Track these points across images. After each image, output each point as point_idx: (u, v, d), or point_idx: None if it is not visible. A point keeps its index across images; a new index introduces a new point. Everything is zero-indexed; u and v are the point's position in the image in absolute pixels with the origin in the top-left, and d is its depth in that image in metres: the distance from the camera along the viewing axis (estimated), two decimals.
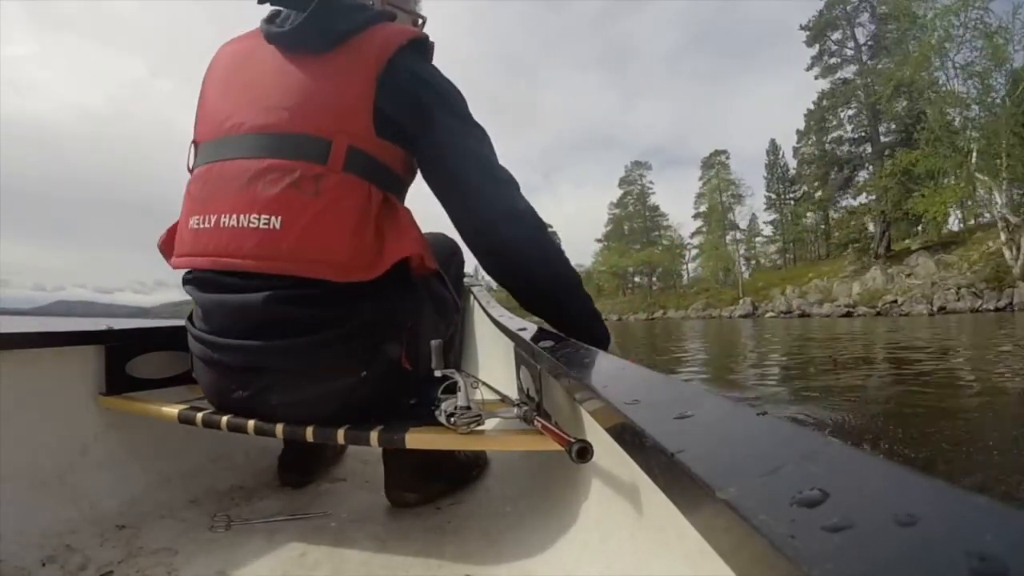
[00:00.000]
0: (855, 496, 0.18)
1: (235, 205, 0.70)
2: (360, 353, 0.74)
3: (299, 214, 0.69)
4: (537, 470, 0.91)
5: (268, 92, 0.74)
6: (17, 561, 0.68)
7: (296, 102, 0.72)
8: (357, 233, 0.70)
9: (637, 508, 0.50)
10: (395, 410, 0.79)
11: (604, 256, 54.29)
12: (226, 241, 0.70)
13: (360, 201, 0.71)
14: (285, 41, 0.77)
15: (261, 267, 0.69)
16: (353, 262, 0.70)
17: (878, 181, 27.16)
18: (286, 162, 0.70)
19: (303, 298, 0.70)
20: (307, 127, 0.71)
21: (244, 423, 0.74)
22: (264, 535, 0.77)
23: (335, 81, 0.73)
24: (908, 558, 0.15)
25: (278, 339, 0.71)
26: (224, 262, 0.71)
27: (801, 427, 0.26)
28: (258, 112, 0.73)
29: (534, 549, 0.68)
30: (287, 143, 0.71)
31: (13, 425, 0.83)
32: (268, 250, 0.69)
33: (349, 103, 0.72)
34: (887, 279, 24.21)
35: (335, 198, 0.70)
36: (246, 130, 0.73)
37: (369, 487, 0.98)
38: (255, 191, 0.70)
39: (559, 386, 0.68)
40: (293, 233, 0.68)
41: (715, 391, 1.40)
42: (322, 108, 0.72)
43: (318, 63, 0.74)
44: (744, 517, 0.18)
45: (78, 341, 0.91)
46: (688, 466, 0.23)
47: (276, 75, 0.75)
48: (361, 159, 0.72)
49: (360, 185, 0.72)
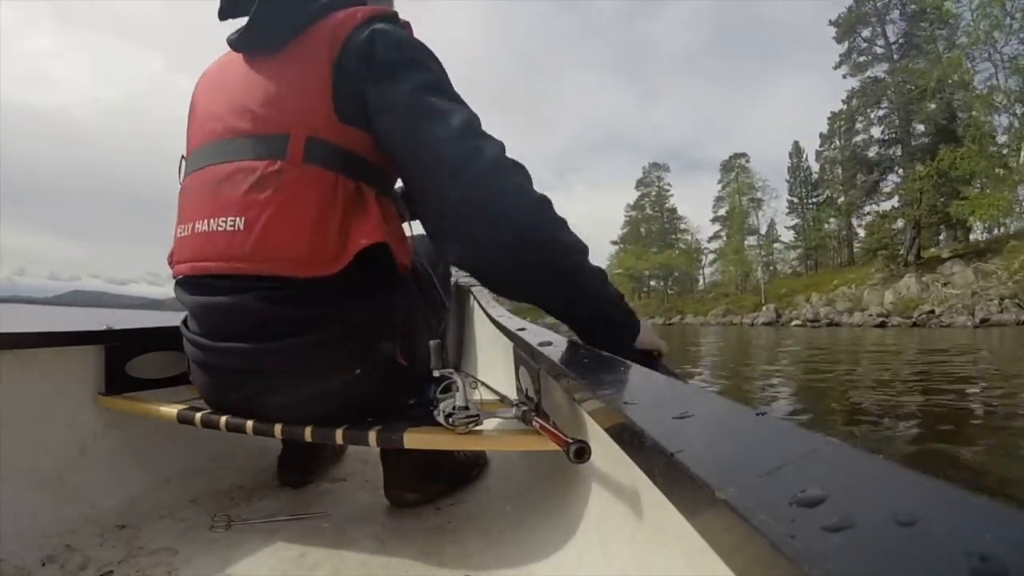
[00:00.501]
0: (855, 496, 0.18)
1: (206, 210, 0.72)
2: (353, 351, 0.74)
3: (259, 212, 0.69)
4: (537, 470, 0.91)
5: (233, 98, 0.75)
6: (17, 561, 0.68)
7: (256, 103, 0.73)
8: (318, 226, 0.69)
9: (637, 508, 0.50)
10: (393, 410, 0.79)
11: (620, 258, 53.43)
12: (199, 246, 0.72)
13: (323, 193, 0.70)
14: (242, 45, 0.77)
15: (228, 268, 0.70)
16: (314, 256, 0.69)
17: (911, 184, 26.50)
18: (248, 163, 0.70)
19: (287, 298, 0.70)
20: (266, 126, 0.71)
21: (243, 423, 0.74)
22: (264, 535, 0.77)
23: (290, 74, 0.73)
24: (908, 558, 0.15)
25: (268, 340, 0.71)
26: (199, 266, 0.73)
27: (801, 427, 0.26)
28: (225, 119, 0.74)
29: (534, 549, 0.68)
30: (249, 144, 0.71)
31: (13, 425, 0.83)
32: (233, 251, 0.70)
33: (305, 93, 0.71)
34: (921, 288, 23.39)
35: (294, 192, 0.69)
36: (216, 137, 0.75)
37: (369, 487, 0.98)
38: (222, 195, 0.71)
39: (558, 386, 0.68)
40: (254, 231, 0.69)
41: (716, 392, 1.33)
42: (279, 104, 0.72)
43: (276, 60, 0.74)
44: (744, 517, 0.18)
45: (78, 341, 0.91)
46: (688, 466, 0.23)
47: (240, 81, 0.76)
48: (323, 149, 0.70)
49: (323, 176, 0.70)
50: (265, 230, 0.69)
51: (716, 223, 49.14)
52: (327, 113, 0.71)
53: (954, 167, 21.79)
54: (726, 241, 45.24)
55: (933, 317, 19.87)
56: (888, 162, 31.29)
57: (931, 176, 24.05)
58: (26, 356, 0.86)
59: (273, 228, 0.69)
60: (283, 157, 0.69)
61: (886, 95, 30.29)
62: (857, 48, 31.99)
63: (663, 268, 50.08)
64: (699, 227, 54.26)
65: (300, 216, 0.69)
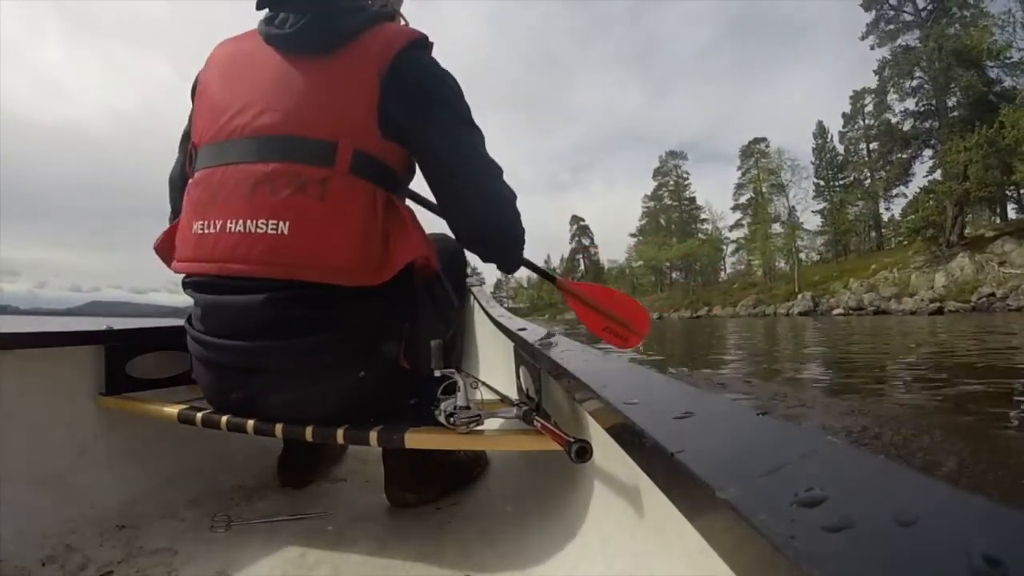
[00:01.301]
0: (855, 496, 0.18)
1: (242, 210, 0.70)
2: (358, 353, 0.74)
3: (307, 219, 0.69)
4: (537, 470, 0.91)
5: (270, 95, 0.73)
6: (17, 561, 0.68)
7: (300, 105, 0.72)
8: (365, 237, 0.71)
9: (637, 508, 0.50)
10: (395, 410, 0.79)
11: (640, 250, 52.29)
12: (233, 246, 0.70)
13: (366, 204, 0.71)
14: (285, 43, 0.76)
15: (270, 272, 0.69)
16: (362, 267, 0.70)
17: (954, 156, 24.16)
18: (292, 166, 0.70)
19: (302, 300, 0.70)
20: (312, 130, 0.71)
21: (244, 423, 0.74)
22: (264, 535, 0.77)
23: (338, 83, 0.73)
24: (908, 558, 0.15)
25: (275, 340, 0.71)
26: (231, 267, 0.70)
27: (801, 427, 0.26)
28: (261, 115, 0.72)
29: (534, 549, 0.68)
30: (293, 146, 0.70)
31: (13, 425, 0.83)
32: (277, 256, 0.68)
33: (353, 105, 0.72)
34: (976, 268, 21.57)
35: (342, 202, 0.69)
36: (249, 133, 0.72)
37: (369, 487, 0.98)
38: (262, 195, 0.69)
39: (559, 386, 0.68)
40: (302, 238, 0.68)
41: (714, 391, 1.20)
42: (326, 111, 0.72)
43: (320, 65, 0.74)
44: (744, 517, 0.18)
45: (78, 341, 0.91)
46: (688, 466, 0.23)
47: (278, 78, 0.74)
48: (367, 161, 0.72)
49: (366, 188, 0.71)
50: (315, 237, 0.69)
51: (736, 211, 46.77)
52: (372, 127, 0.72)
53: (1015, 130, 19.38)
54: (751, 228, 42.70)
55: (996, 300, 18.48)
56: (925, 135, 29.13)
57: (980, 146, 21.79)
58: (26, 356, 0.86)
59: (323, 236, 0.69)
60: (331, 165, 0.70)
61: (919, 64, 28.57)
62: (885, 16, 30.38)
63: (686, 258, 47.83)
64: (722, 213, 51.11)
65: (348, 226, 0.70)
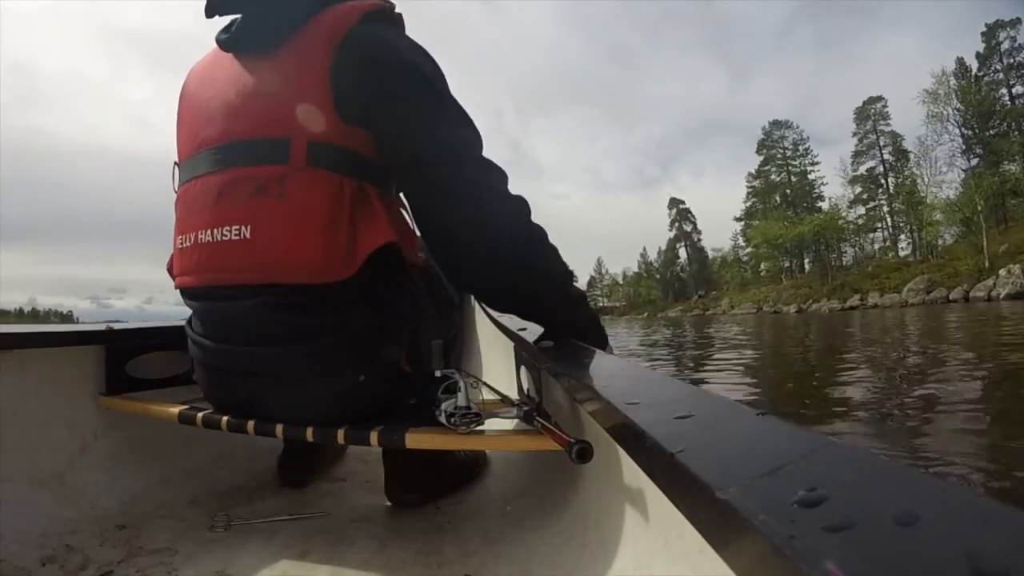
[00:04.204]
0: (855, 496, 0.18)
1: (209, 220, 0.70)
2: (357, 357, 0.73)
3: (268, 220, 0.68)
4: (537, 470, 0.91)
5: (226, 102, 0.73)
6: (17, 561, 0.68)
7: (252, 106, 0.71)
8: (329, 230, 0.68)
9: (637, 508, 0.50)
10: (395, 410, 0.79)
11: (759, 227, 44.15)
12: (206, 257, 0.71)
13: (330, 196, 0.68)
14: (235, 46, 0.75)
15: (241, 279, 0.69)
16: (329, 261, 0.68)
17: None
18: (249, 169, 0.69)
19: (294, 304, 0.69)
20: (266, 129, 0.69)
21: (244, 423, 0.74)
22: (264, 535, 0.77)
23: (288, 75, 0.70)
24: (908, 558, 0.15)
25: (273, 345, 0.70)
26: (207, 277, 0.72)
27: (801, 427, 0.26)
28: (219, 124, 0.72)
29: (534, 549, 0.68)
30: (248, 150, 0.70)
31: (13, 425, 0.83)
32: (243, 261, 0.69)
33: (304, 95, 0.69)
34: None
35: (302, 197, 0.68)
36: (212, 143, 0.72)
37: (369, 487, 0.98)
38: (226, 203, 0.69)
39: (559, 386, 0.68)
40: (265, 240, 0.68)
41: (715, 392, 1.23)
42: (277, 107, 0.70)
43: (270, 61, 0.72)
44: (744, 517, 0.18)
45: (78, 341, 0.91)
46: (688, 466, 0.23)
47: (232, 83, 0.73)
48: (325, 151, 0.69)
49: (329, 179, 0.68)
50: (277, 237, 0.67)
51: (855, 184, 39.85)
52: (328, 114, 0.69)
53: None
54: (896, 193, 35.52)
55: None
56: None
57: None
58: (26, 356, 0.86)
59: (285, 235, 0.67)
60: (286, 162, 0.68)
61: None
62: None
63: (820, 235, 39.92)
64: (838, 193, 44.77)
65: (311, 222, 0.67)
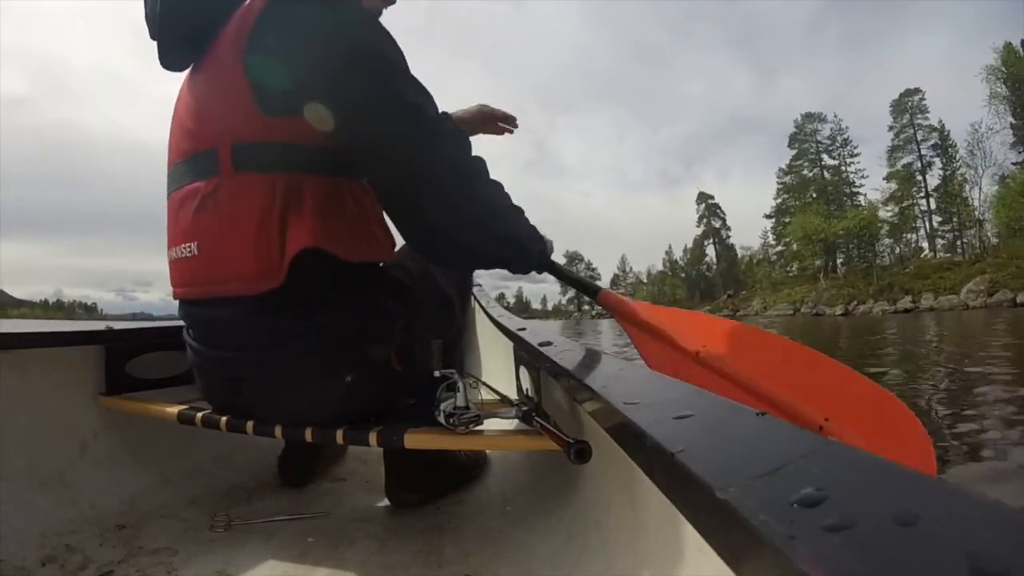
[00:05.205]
0: (855, 496, 0.18)
1: (173, 237, 0.73)
2: (340, 359, 0.72)
3: (207, 235, 0.68)
4: (537, 470, 0.91)
5: (177, 120, 0.74)
6: (17, 561, 0.68)
7: (186, 122, 0.71)
8: (260, 238, 0.65)
9: (637, 508, 0.50)
10: (394, 410, 0.79)
11: (799, 221, 41.55)
12: (177, 273, 0.74)
13: (261, 200, 0.65)
14: (168, 63, 0.75)
15: (204, 292, 0.71)
16: (260, 271, 0.66)
17: None
18: (190, 186, 0.69)
19: (264, 311, 0.68)
20: (195, 144, 0.69)
21: (243, 423, 0.74)
22: (264, 535, 0.77)
23: (209, 82, 0.69)
24: (908, 558, 0.15)
25: (256, 351, 0.71)
26: (187, 291, 0.75)
27: (801, 427, 0.26)
28: (174, 143, 0.74)
29: (534, 549, 0.68)
30: (188, 167, 0.70)
31: (13, 425, 0.83)
32: (198, 277, 0.71)
33: (224, 97, 0.67)
34: None
35: (233, 207, 0.66)
36: (171, 162, 0.74)
37: (369, 487, 0.98)
38: (179, 222, 0.72)
39: (559, 386, 0.68)
40: (207, 255, 0.69)
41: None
42: (204, 116, 0.69)
43: (201, 70, 0.71)
44: (744, 517, 0.18)
45: (78, 341, 0.91)
46: (688, 466, 0.23)
47: (181, 100, 0.74)
48: (251, 152, 0.65)
49: (258, 181, 0.65)
50: (215, 251, 0.68)
51: (891, 181, 38.00)
52: (249, 111, 0.64)
53: None
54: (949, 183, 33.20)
55: None
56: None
57: None
58: (26, 356, 0.86)
59: (222, 248, 0.68)
60: (216, 173, 0.66)
61: None
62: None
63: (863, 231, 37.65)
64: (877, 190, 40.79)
65: (241, 232, 0.66)
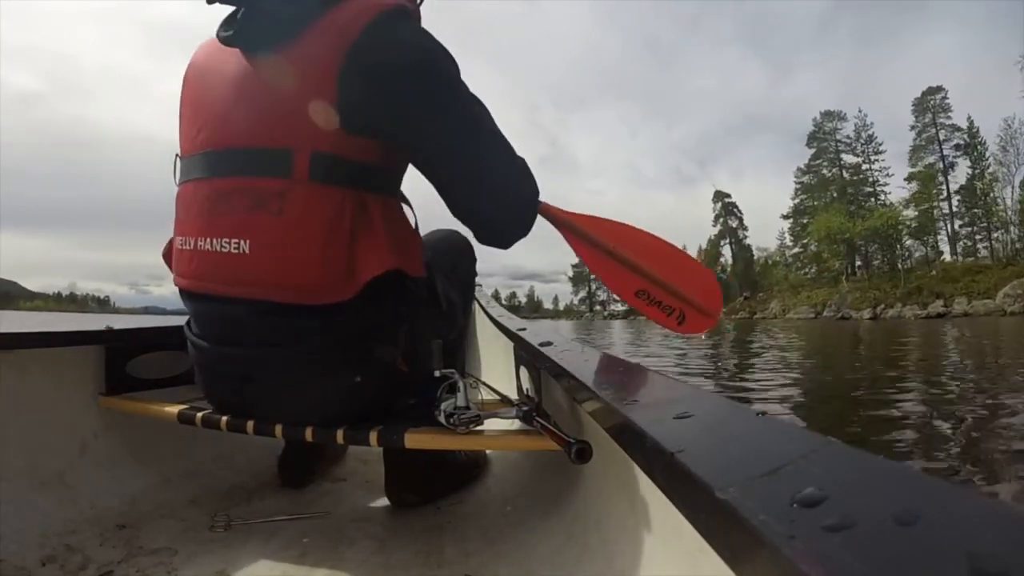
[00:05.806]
0: (855, 496, 0.18)
1: (206, 227, 0.69)
2: (352, 359, 0.72)
3: (266, 236, 0.65)
4: (537, 470, 0.91)
5: (228, 104, 0.69)
6: (17, 561, 0.67)
7: (254, 112, 0.67)
8: (328, 250, 0.65)
9: (637, 508, 0.50)
10: (395, 410, 0.79)
11: (821, 220, 40.67)
12: (203, 264, 0.70)
13: (330, 212, 0.65)
14: (238, 43, 0.68)
15: (237, 292, 0.68)
16: (325, 284, 0.66)
17: None
18: (248, 180, 0.66)
19: (287, 310, 0.68)
20: (266, 139, 0.66)
21: (243, 423, 0.74)
22: (264, 535, 0.77)
23: (293, 80, 0.66)
24: (908, 558, 0.15)
25: (269, 348, 0.70)
26: (205, 285, 0.71)
27: (801, 427, 0.26)
28: (219, 127, 0.69)
29: (534, 549, 0.68)
30: (248, 159, 0.67)
31: (13, 425, 0.83)
32: (240, 275, 0.67)
33: (307, 101, 0.64)
34: None
35: (302, 214, 0.65)
36: (211, 147, 0.69)
37: (369, 487, 0.98)
38: (222, 213, 0.67)
39: (559, 386, 0.68)
40: (262, 257, 0.66)
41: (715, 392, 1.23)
42: (281, 114, 0.66)
43: (275, 62, 0.67)
44: (744, 517, 0.18)
45: (78, 341, 0.91)
46: (688, 466, 0.23)
47: (234, 84, 0.69)
48: (329, 163, 0.65)
49: (330, 194, 0.66)
50: (274, 255, 0.65)
51: (912, 182, 37.43)
52: (332, 123, 0.65)
53: None
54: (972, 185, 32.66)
55: None
56: None
57: None
58: (26, 356, 0.86)
59: (283, 254, 0.65)
60: (288, 175, 0.65)
61: None
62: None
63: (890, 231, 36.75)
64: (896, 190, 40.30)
65: (310, 241, 0.65)
